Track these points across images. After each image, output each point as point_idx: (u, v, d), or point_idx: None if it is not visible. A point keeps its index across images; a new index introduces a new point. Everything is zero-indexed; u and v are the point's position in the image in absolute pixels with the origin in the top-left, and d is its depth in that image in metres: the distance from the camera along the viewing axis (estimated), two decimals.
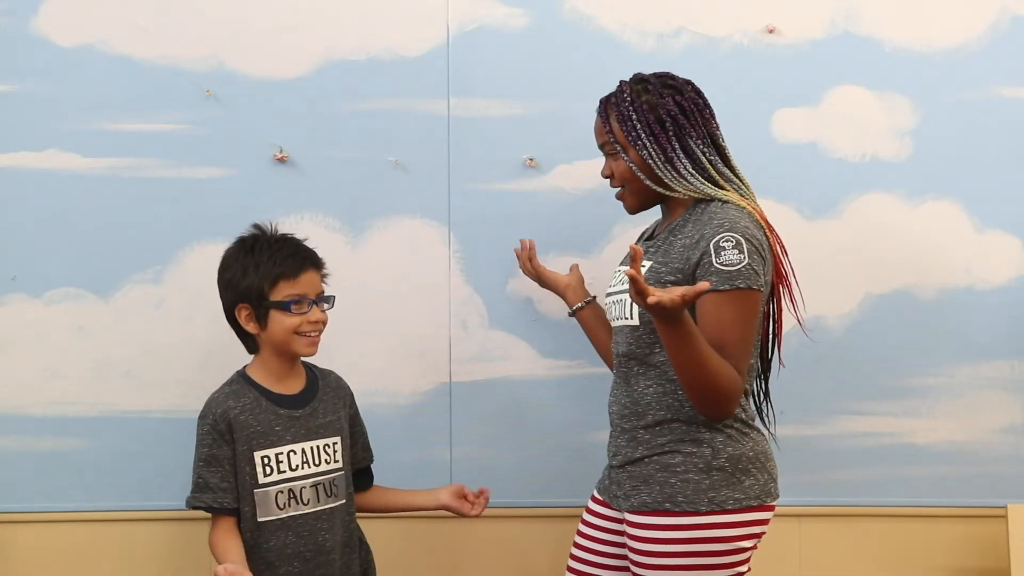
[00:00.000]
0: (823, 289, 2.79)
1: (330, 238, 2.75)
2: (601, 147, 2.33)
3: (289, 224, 2.70)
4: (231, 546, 2.31)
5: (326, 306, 2.40)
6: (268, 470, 2.37)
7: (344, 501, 2.44)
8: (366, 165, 2.77)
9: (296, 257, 2.38)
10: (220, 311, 2.42)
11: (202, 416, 2.37)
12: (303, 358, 2.42)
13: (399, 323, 2.77)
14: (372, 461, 2.52)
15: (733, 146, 2.42)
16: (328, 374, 2.51)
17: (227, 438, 2.35)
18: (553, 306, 2.74)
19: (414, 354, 2.77)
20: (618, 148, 2.27)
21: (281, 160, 2.76)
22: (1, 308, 2.74)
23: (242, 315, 2.37)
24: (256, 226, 2.45)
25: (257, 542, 2.36)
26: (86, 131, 2.74)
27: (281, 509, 2.36)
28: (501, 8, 2.79)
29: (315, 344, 2.39)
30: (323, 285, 2.43)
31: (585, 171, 2.74)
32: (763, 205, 2.45)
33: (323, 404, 2.45)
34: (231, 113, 2.75)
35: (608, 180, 2.34)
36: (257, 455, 2.35)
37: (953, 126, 2.83)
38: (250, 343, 2.42)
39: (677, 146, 2.26)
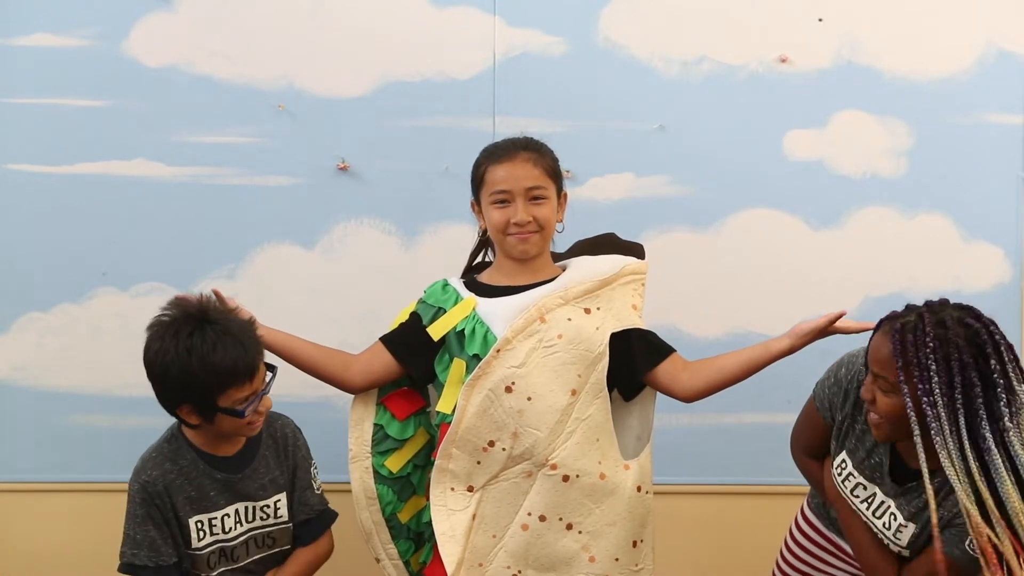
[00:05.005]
0: (827, 291, 2.92)
1: (386, 240, 2.93)
2: (880, 375, 1.92)
3: (349, 227, 2.89)
4: None
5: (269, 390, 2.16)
6: (202, 534, 2.21)
7: (288, 545, 2.32)
8: (420, 176, 2.94)
9: (244, 360, 2.07)
10: (287, 306, 2.58)
11: (137, 472, 2.19)
12: None
13: None
14: (312, 515, 2.29)
15: (748, 164, 2.60)
16: (274, 421, 2.30)
17: (160, 500, 2.18)
18: None
19: None
20: (898, 386, 1.88)
21: (343, 170, 2.92)
22: (92, 300, 2.90)
23: (183, 411, 2.13)
24: (186, 312, 2.08)
25: None
26: (170, 143, 2.91)
27: (212, 568, 2.23)
28: (542, 37, 2.94)
29: (260, 427, 2.20)
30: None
31: (616, 183, 2.92)
32: (774, 217, 2.68)
33: (263, 463, 2.26)
34: (299, 127, 2.92)
35: (867, 404, 2.02)
36: (192, 521, 2.19)
37: (944, 147, 2.97)
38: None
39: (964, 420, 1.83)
